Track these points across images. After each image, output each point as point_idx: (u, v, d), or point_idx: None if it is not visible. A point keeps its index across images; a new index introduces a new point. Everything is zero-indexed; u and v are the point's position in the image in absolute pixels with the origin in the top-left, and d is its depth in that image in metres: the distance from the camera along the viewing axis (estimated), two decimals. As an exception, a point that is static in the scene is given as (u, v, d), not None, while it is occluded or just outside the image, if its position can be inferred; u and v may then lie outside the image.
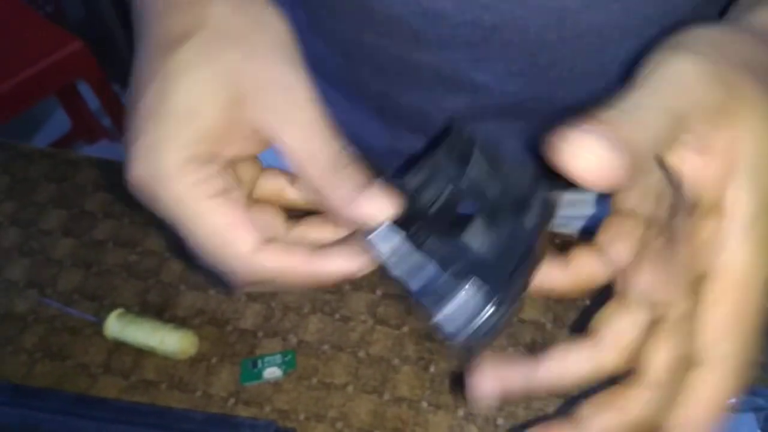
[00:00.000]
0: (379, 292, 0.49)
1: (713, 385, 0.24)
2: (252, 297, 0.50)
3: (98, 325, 0.48)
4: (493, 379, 0.26)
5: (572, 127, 0.21)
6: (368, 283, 0.50)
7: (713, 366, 0.24)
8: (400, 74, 0.44)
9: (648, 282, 0.26)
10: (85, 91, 1.48)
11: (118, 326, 0.47)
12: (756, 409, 0.42)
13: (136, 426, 0.43)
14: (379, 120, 0.51)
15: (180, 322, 0.49)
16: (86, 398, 0.45)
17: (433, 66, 0.42)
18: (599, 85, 0.40)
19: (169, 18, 0.29)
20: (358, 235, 0.28)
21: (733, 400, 0.43)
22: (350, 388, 0.45)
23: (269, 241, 0.28)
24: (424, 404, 0.44)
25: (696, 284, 0.24)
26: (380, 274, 0.28)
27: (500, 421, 0.43)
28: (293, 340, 0.48)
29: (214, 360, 0.47)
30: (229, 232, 0.27)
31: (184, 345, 0.46)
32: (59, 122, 1.73)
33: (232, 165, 0.29)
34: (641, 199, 0.28)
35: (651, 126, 0.22)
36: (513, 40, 0.39)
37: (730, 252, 0.23)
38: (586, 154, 0.21)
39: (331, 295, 0.49)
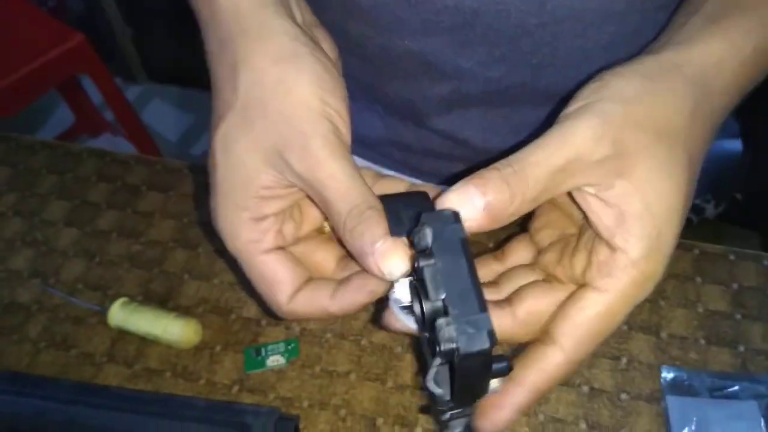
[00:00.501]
0: (381, 281, 0.49)
1: (555, 362, 0.29)
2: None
3: (102, 315, 0.48)
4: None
5: (454, 186, 0.27)
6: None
7: (562, 348, 0.29)
8: (386, 63, 0.44)
9: (551, 259, 0.32)
10: (88, 85, 1.48)
11: (121, 315, 0.47)
12: (758, 397, 0.42)
13: (140, 414, 0.43)
14: (371, 110, 0.51)
15: (183, 311, 0.49)
16: (90, 387, 0.46)
17: (417, 53, 0.42)
18: (581, 69, 0.40)
19: (214, 99, 0.33)
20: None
21: (736, 388, 0.43)
22: (353, 376, 0.45)
23: (308, 282, 0.33)
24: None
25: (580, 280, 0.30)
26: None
27: (503, 408, 0.43)
28: (296, 328, 0.48)
29: (217, 348, 0.47)
30: (272, 286, 0.32)
31: (188, 334, 0.46)
32: (63, 117, 1.73)
33: (295, 206, 0.33)
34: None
35: (527, 178, 0.27)
36: (494, 26, 0.39)
37: (614, 279, 0.28)
38: (457, 206, 0.26)
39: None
